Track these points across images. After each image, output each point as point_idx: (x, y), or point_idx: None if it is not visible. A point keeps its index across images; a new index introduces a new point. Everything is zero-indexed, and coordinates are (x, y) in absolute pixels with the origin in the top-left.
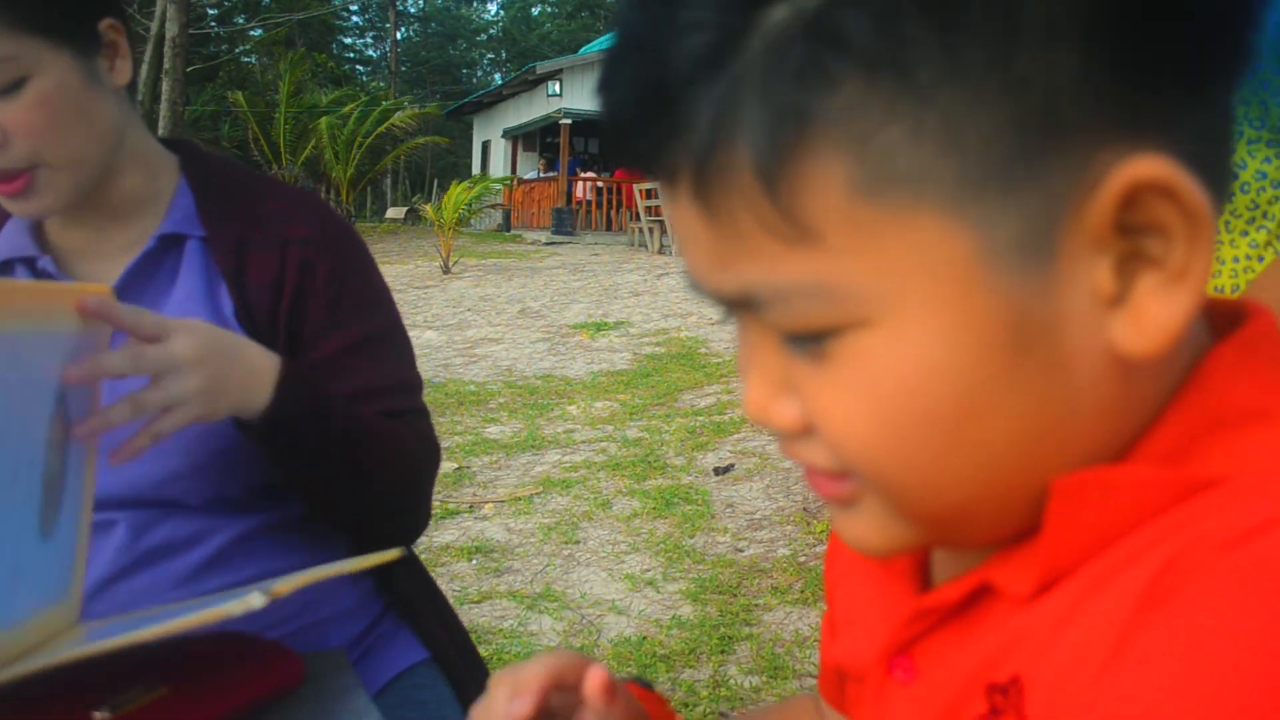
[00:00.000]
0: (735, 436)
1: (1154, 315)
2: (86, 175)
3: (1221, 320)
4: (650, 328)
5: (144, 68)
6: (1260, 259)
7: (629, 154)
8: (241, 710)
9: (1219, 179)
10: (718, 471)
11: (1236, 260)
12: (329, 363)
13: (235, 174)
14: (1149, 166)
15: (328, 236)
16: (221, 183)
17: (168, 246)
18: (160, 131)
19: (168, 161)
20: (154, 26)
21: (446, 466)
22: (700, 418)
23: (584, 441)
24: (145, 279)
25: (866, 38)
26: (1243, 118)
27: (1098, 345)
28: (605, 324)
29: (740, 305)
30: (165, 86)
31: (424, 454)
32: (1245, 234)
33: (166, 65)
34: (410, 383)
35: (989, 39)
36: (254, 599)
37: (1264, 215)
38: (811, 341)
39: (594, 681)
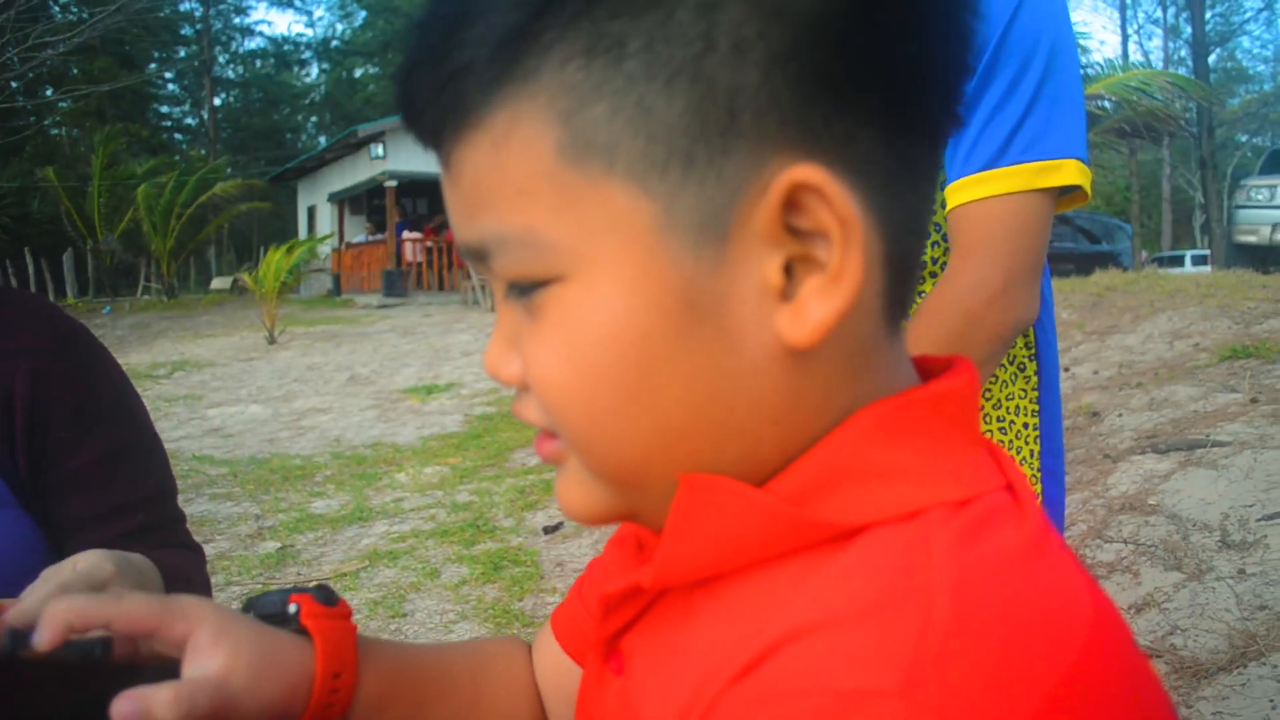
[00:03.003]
0: None
1: (811, 310)
2: None
3: (934, 374)
4: (482, 388)
5: None
6: None
7: (411, 126)
8: None
9: (900, 226)
10: (547, 531)
11: None
12: (78, 477)
13: None
14: (806, 171)
15: (60, 343)
16: None
17: None
18: None
19: None
20: None
21: (269, 547)
22: (531, 476)
23: (413, 509)
24: None
25: (587, 30)
26: None
27: (766, 332)
28: (436, 387)
29: (479, 257)
30: None
31: (191, 564)
32: None
33: None
34: (165, 490)
35: (687, 45)
36: None
37: None
38: (526, 294)
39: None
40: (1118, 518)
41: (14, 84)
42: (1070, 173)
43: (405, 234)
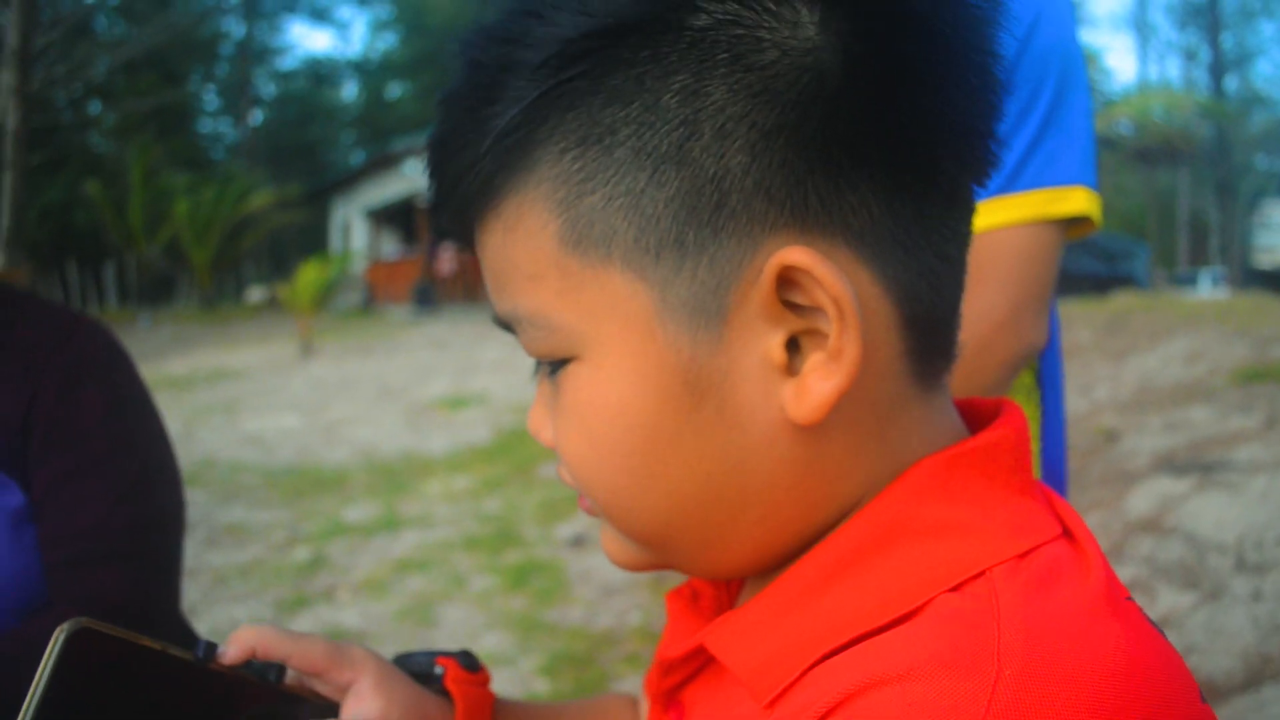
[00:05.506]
0: None
1: (811, 388)
2: None
3: (983, 420)
4: (510, 400)
5: None
6: None
7: (440, 220)
8: None
9: (916, 287)
10: (573, 542)
11: None
12: (36, 504)
13: None
14: (795, 254)
15: (61, 364)
16: None
17: None
18: (3, 229)
19: None
20: None
21: (301, 554)
22: (557, 489)
23: (442, 519)
24: None
25: (581, 120)
26: None
27: (771, 408)
28: (465, 399)
29: (507, 329)
30: (8, 180)
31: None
32: None
33: (10, 157)
34: (115, 524)
35: (672, 130)
36: None
37: None
38: (553, 369)
39: (230, 647)
40: (1135, 538)
41: (60, 100)
42: (1079, 201)
43: (439, 249)
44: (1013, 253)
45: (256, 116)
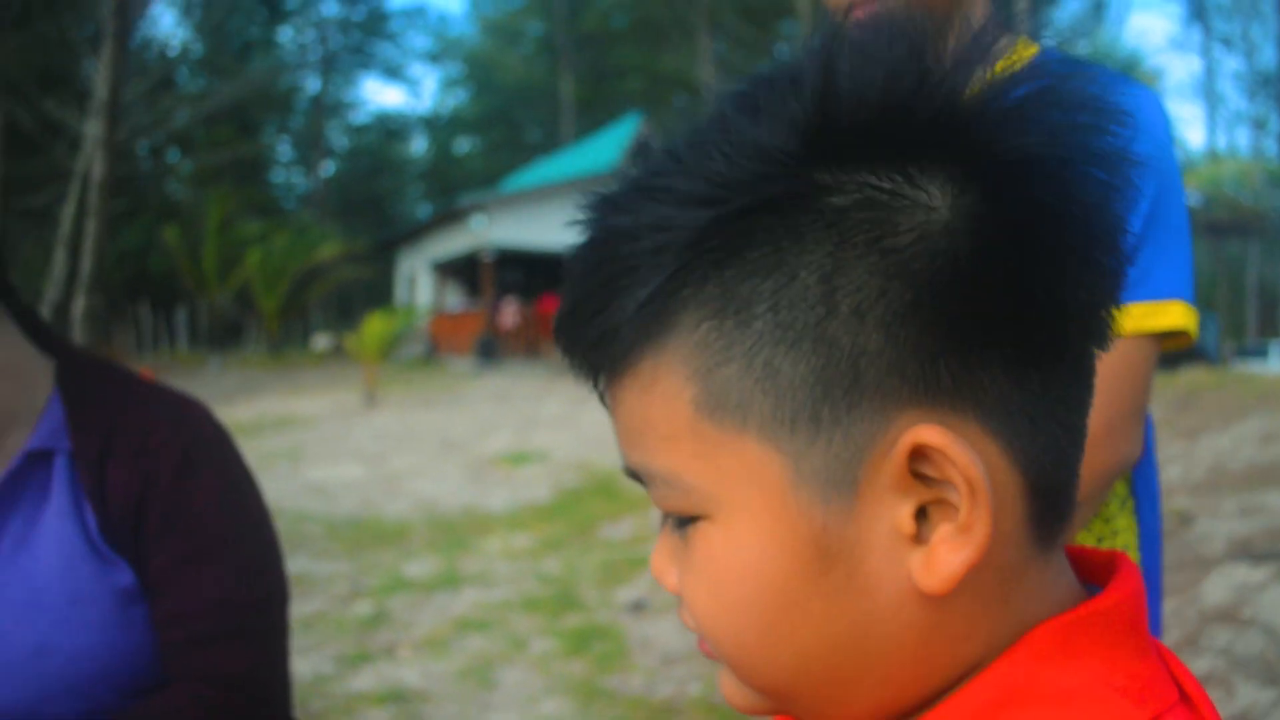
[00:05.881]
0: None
1: (941, 560)
2: None
3: (1098, 574)
4: (571, 458)
5: (68, 206)
6: None
7: (570, 365)
8: None
9: (1041, 458)
10: (633, 607)
11: None
12: (152, 585)
13: (110, 382)
14: (926, 433)
15: (177, 447)
16: (93, 393)
17: (36, 462)
18: (84, 274)
19: (42, 370)
20: (80, 165)
21: (363, 608)
22: (617, 551)
23: (502, 578)
24: (15, 497)
25: (718, 291)
26: None
27: (899, 575)
28: (526, 455)
29: (638, 480)
30: (92, 227)
31: (235, 697)
32: None
33: (95, 205)
34: (235, 601)
35: (809, 309)
36: None
37: None
38: (681, 525)
39: None
40: (1211, 628)
41: (142, 148)
42: (1176, 315)
43: (502, 303)
44: (1108, 367)
45: (328, 168)
